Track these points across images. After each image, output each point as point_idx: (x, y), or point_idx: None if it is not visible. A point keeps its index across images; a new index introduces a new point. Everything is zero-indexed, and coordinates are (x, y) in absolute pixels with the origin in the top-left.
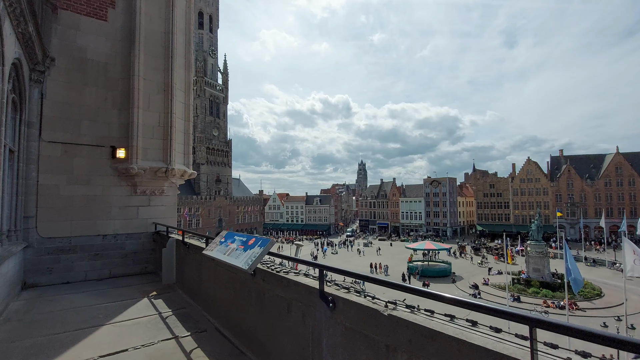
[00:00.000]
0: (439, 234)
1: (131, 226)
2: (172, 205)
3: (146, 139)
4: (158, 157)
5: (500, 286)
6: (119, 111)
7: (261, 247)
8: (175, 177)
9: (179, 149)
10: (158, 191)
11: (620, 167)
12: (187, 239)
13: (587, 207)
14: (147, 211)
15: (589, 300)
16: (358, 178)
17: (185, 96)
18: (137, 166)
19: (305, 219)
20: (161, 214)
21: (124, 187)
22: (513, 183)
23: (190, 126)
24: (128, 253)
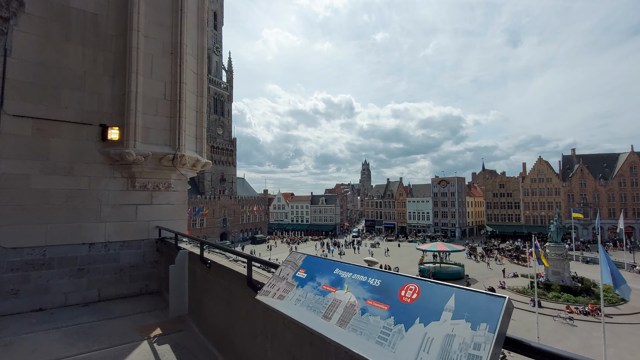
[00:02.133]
0: (447, 235)
1: (128, 231)
2: (182, 204)
3: (148, 116)
4: (163, 140)
5: (518, 290)
6: (112, 78)
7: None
8: (185, 166)
9: (190, 131)
10: (163, 185)
11: (635, 166)
12: (208, 253)
13: (601, 207)
14: (149, 211)
15: (614, 306)
16: (362, 178)
17: (198, 65)
18: (135, 151)
19: (311, 219)
20: (167, 215)
21: (118, 179)
22: (524, 183)
23: (204, 103)
24: (124, 267)
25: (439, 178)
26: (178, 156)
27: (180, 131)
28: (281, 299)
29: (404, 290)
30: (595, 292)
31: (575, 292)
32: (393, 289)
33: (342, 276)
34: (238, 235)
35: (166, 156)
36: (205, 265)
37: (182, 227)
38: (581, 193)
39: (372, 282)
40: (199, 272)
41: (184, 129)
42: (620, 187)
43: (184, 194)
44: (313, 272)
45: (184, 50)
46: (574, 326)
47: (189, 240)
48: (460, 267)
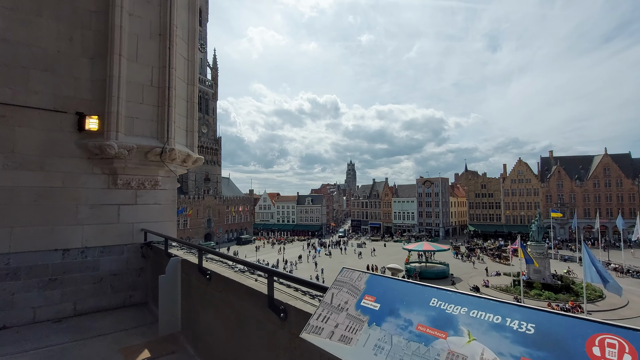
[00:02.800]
0: (432, 234)
1: (109, 235)
2: (170, 205)
3: (132, 104)
4: (150, 131)
5: (501, 288)
6: (92, 60)
7: None
8: (175, 162)
9: (180, 122)
10: (149, 183)
11: (609, 168)
12: (206, 262)
13: (577, 207)
14: (133, 212)
15: (593, 303)
16: (347, 178)
17: (189, 50)
18: (117, 144)
19: (297, 219)
20: (154, 217)
21: (98, 175)
22: (504, 184)
23: (196, 93)
24: (104, 276)
25: (424, 179)
26: (167, 150)
27: (170, 122)
28: (346, 342)
29: (597, 348)
30: (574, 290)
31: (555, 290)
32: (569, 342)
33: (450, 311)
34: (223, 236)
35: (153, 150)
36: (205, 276)
37: (170, 229)
38: (558, 193)
39: (516, 326)
40: (196, 284)
41: (173, 119)
42: (594, 188)
43: (172, 192)
44: (390, 300)
45: (174, 32)
46: None
47: (180, 245)
48: (445, 267)
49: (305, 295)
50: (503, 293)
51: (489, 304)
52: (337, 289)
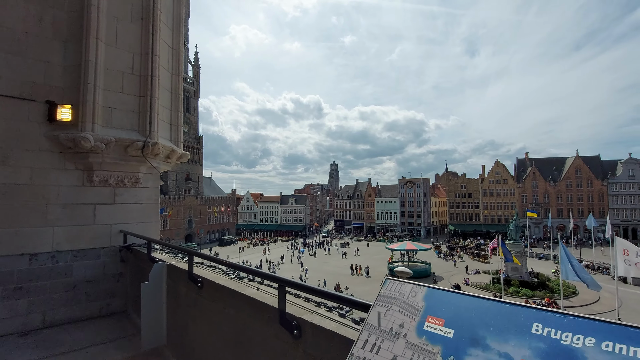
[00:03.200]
0: (413, 234)
1: (83, 237)
2: (152, 204)
3: (111, 93)
4: (130, 123)
5: (481, 286)
6: (65, 44)
7: None
8: (158, 157)
9: (163, 115)
10: (130, 180)
11: (580, 169)
12: (199, 267)
13: (551, 207)
14: (111, 212)
15: (567, 299)
16: (330, 178)
17: (174, 37)
18: (93, 136)
19: (280, 220)
20: (134, 218)
21: (72, 171)
22: (483, 184)
23: (181, 84)
24: (78, 283)
25: (406, 179)
26: (149, 144)
27: (152, 114)
28: None
29: None
30: (550, 286)
31: (532, 287)
32: None
33: (567, 342)
34: (204, 237)
35: (134, 144)
36: (196, 284)
37: (153, 231)
38: (533, 194)
39: None
40: (185, 292)
41: (156, 111)
42: (567, 189)
43: (155, 191)
44: (467, 325)
45: (157, 17)
46: None
47: (165, 248)
48: (427, 266)
49: (320, 307)
50: (483, 291)
51: (630, 332)
52: (384, 307)
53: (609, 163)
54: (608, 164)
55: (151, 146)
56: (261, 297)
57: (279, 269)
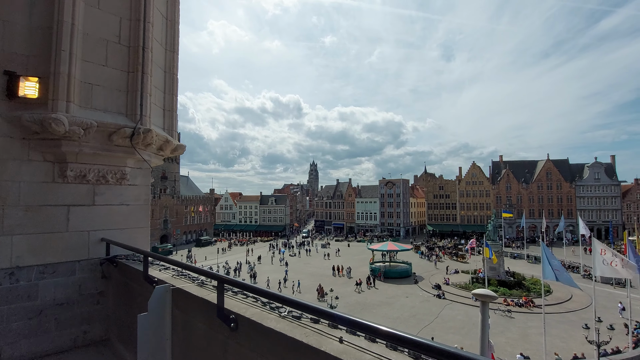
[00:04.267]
0: (393, 234)
1: (53, 248)
2: (142, 205)
3: (91, 66)
4: (116, 105)
5: (460, 285)
6: (31, 0)
7: None
8: (150, 148)
9: (156, 97)
10: (114, 176)
11: (550, 172)
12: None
13: (523, 208)
14: (90, 216)
15: (542, 297)
16: (310, 178)
17: (169, 7)
18: (68, 118)
19: (260, 220)
20: (120, 222)
21: (37, 163)
22: (460, 185)
23: (177, 63)
24: (45, 307)
25: (386, 180)
26: (140, 132)
27: (144, 94)
28: None
29: None
30: (526, 285)
31: (509, 286)
32: None
33: None
34: (181, 238)
35: (121, 130)
36: (227, 323)
37: (142, 239)
38: (507, 195)
39: None
40: (204, 331)
41: (148, 91)
42: (538, 190)
43: (145, 190)
44: None
45: None
46: (511, 318)
47: (165, 265)
48: (408, 266)
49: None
50: (463, 290)
51: None
52: None
53: (577, 166)
54: (576, 167)
55: (143, 134)
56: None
57: (258, 270)
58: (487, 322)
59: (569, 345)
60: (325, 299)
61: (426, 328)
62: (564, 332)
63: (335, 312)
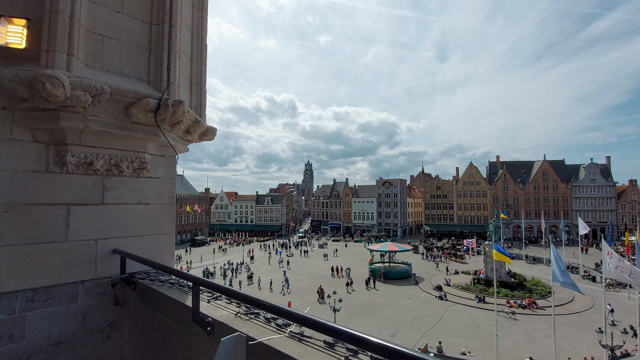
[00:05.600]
0: (390, 234)
1: (46, 266)
2: (166, 205)
3: (102, 10)
4: (134, 67)
5: (462, 287)
6: None
7: None
8: (177, 129)
9: (183, 66)
10: (130, 164)
11: (547, 173)
12: None
13: (519, 208)
14: (98, 219)
15: (544, 298)
16: (305, 178)
17: None
18: (70, 79)
19: (255, 219)
20: (137, 228)
21: (25, 145)
22: (457, 185)
23: (206, 26)
24: (35, 349)
25: (383, 180)
26: (169, 104)
27: (173, 55)
28: None
29: None
30: (527, 286)
31: (511, 287)
32: None
33: None
34: (175, 237)
35: (142, 101)
36: None
37: (166, 250)
38: (504, 195)
39: None
40: None
41: (178, 51)
42: (535, 191)
43: (169, 184)
44: None
45: None
46: (515, 320)
47: (213, 294)
48: (408, 266)
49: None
50: (465, 291)
51: None
52: None
53: (573, 167)
54: (572, 168)
55: (172, 107)
56: None
57: (255, 272)
58: None
59: (576, 347)
60: (325, 301)
61: (430, 331)
62: (570, 334)
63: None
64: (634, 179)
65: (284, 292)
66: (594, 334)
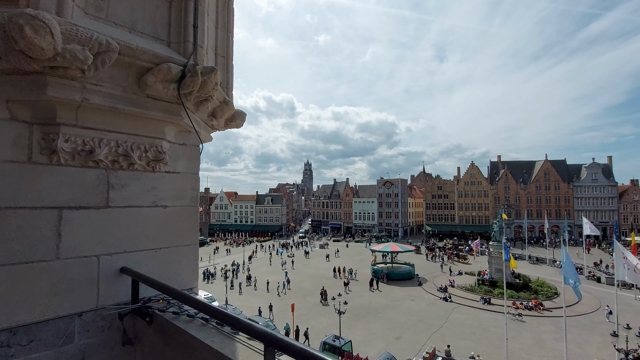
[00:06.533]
0: (391, 234)
1: (29, 294)
2: (188, 209)
3: None
4: (150, 21)
5: (467, 288)
6: None
7: None
8: (203, 108)
9: (209, 33)
10: (143, 154)
11: (548, 173)
12: None
13: (521, 208)
14: (101, 227)
15: (550, 300)
16: (304, 178)
17: None
18: (60, 25)
19: (256, 220)
20: (153, 239)
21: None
22: (458, 185)
23: None
24: None
25: (384, 179)
26: (198, 72)
27: (200, 11)
28: None
29: None
30: (532, 287)
31: (516, 288)
32: None
33: None
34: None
35: (162, 67)
36: None
37: (188, 268)
38: (505, 195)
39: None
40: None
41: (206, 6)
42: (536, 191)
43: (192, 181)
44: None
45: None
46: (522, 322)
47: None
48: (411, 267)
49: None
50: (469, 293)
51: None
52: None
53: (574, 167)
54: (573, 168)
55: (202, 76)
56: None
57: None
58: None
59: (585, 351)
60: (328, 303)
61: (436, 334)
62: (579, 337)
63: None
64: (636, 179)
65: (280, 294)
66: (603, 336)
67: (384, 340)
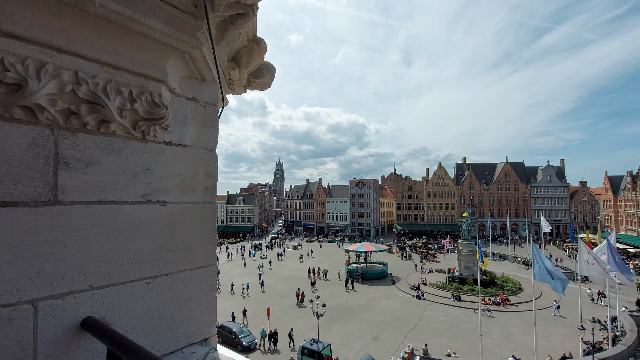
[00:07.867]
0: (363, 234)
1: None
2: (200, 206)
3: None
4: None
5: (438, 285)
6: None
7: None
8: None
9: None
10: (128, 104)
11: (509, 174)
12: None
13: (484, 208)
14: (43, 242)
15: (515, 295)
16: (275, 178)
17: None
18: None
19: (227, 220)
20: (142, 262)
21: None
22: (427, 186)
23: None
24: None
25: (357, 180)
26: None
27: None
28: None
29: None
30: (499, 283)
31: (484, 285)
32: None
33: None
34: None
35: None
36: None
37: (206, 310)
38: (470, 195)
39: None
40: None
41: None
42: (498, 191)
43: (208, 160)
44: None
45: None
46: (492, 317)
47: None
48: (384, 266)
49: None
50: (441, 290)
51: None
52: None
53: (531, 169)
54: (530, 170)
55: None
56: None
57: (231, 275)
58: None
59: (551, 343)
60: (304, 305)
61: (412, 332)
62: (544, 330)
63: None
64: (585, 181)
65: (248, 295)
66: (565, 328)
67: (361, 340)
